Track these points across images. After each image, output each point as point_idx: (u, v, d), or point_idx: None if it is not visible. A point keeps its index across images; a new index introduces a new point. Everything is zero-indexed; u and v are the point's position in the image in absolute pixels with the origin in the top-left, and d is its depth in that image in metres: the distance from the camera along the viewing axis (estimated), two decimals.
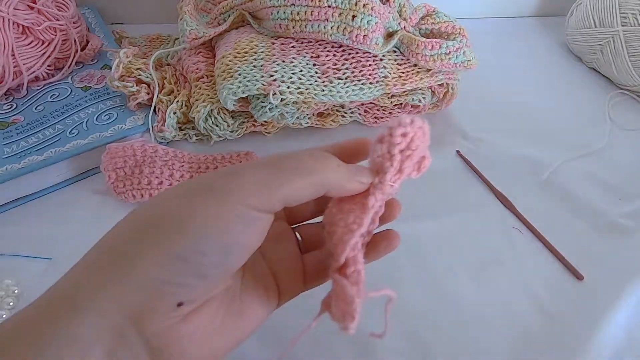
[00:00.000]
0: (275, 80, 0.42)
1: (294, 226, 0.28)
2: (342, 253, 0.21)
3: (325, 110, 0.48)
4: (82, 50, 0.52)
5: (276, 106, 0.43)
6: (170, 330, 0.18)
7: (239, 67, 0.43)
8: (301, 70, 0.43)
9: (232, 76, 0.42)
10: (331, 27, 0.42)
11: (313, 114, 0.48)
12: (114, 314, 0.17)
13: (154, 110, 0.45)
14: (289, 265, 0.26)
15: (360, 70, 0.44)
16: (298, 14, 0.43)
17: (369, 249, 0.25)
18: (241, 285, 0.23)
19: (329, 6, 0.42)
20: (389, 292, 0.21)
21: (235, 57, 0.44)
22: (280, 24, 0.44)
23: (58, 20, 0.48)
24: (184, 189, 0.20)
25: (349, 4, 0.42)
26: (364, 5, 0.42)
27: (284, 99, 0.42)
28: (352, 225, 0.22)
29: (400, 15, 0.47)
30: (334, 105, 0.49)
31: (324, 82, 0.44)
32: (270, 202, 0.19)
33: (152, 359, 0.18)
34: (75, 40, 0.50)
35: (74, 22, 0.51)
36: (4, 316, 0.32)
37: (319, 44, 0.45)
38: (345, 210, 0.23)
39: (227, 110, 0.45)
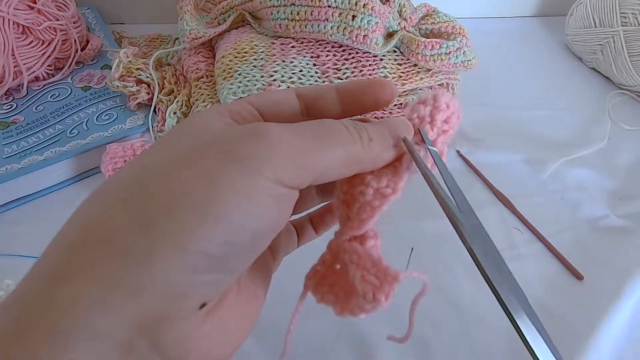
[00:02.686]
0: (275, 80, 0.42)
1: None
2: (367, 220, 0.19)
3: None
4: (82, 50, 0.52)
5: None
6: (190, 334, 0.15)
7: (239, 67, 0.43)
8: (301, 70, 0.43)
9: (232, 76, 0.42)
10: (331, 27, 0.42)
11: None
12: (121, 331, 0.13)
13: (154, 110, 0.45)
14: None
15: (360, 70, 0.44)
16: (298, 14, 0.43)
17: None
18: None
19: (329, 6, 0.42)
20: (424, 277, 0.19)
21: (235, 57, 0.44)
22: (280, 24, 0.44)
23: (58, 20, 0.48)
24: (195, 153, 0.15)
25: (349, 4, 0.42)
26: (364, 5, 0.42)
27: None
28: (386, 190, 0.19)
29: (400, 15, 0.47)
30: None
31: (324, 82, 0.44)
32: (303, 178, 0.16)
33: None
34: (75, 40, 0.50)
35: (74, 22, 0.51)
36: None
37: (319, 44, 0.45)
38: (376, 172, 0.19)
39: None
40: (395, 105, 0.49)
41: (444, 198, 0.20)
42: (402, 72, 0.46)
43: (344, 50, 0.45)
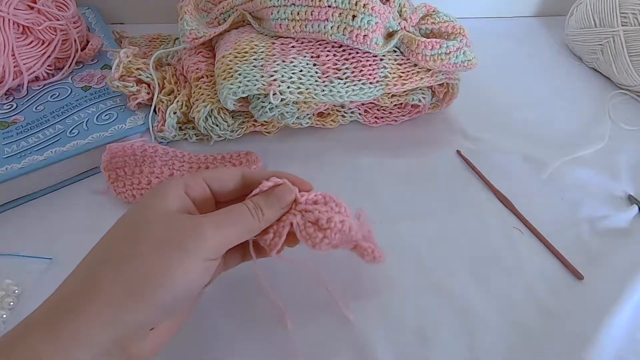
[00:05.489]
0: (275, 80, 0.42)
1: None
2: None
3: (325, 110, 0.48)
4: (82, 50, 0.51)
5: (276, 106, 0.43)
6: (143, 342, 0.24)
7: (239, 67, 0.43)
8: (301, 70, 0.43)
9: (232, 76, 0.42)
10: (331, 27, 0.42)
11: (313, 114, 0.48)
12: (107, 344, 0.22)
13: (154, 110, 0.45)
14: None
15: (361, 70, 0.44)
16: (298, 14, 0.43)
17: None
18: None
19: (329, 6, 0.42)
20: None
21: (236, 57, 0.44)
22: (280, 24, 0.44)
23: (58, 20, 0.48)
24: (156, 243, 0.24)
25: (349, 4, 0.42)
26: (364, 5, 0.42)
27: (284, 99, 0.42)
28: (273, 241, 0.29)
29: (400, 15, 0.47)
30: (334, 105, 0.49)
31: (324, 82, 0.44)
32: (221, 252, 0.26)
33: None
34: (75, 40, 0.50)
35: (74, 22, 0.51)
36: (4, 316, 0.32)
37: (319, 44, 0.45)
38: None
39: (227, 110, 0.45)
40: (395, 105, 0.49)
41: None
42: (402, 72, 0.45)
43: (344, 50, 0.45)
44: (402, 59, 0.46)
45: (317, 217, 0.28)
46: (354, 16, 0.42)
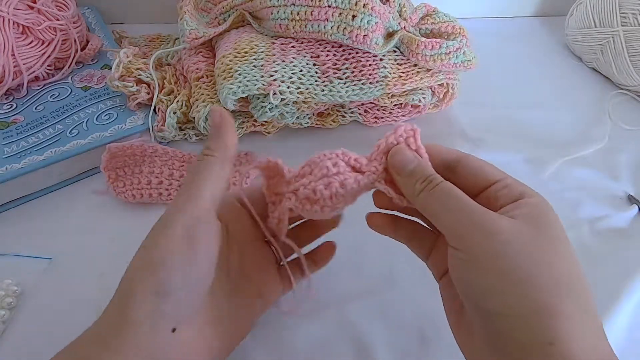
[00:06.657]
0: (275, 80, 0.42)
1: None
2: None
3: (325, 110, 0.48)
4: (82, 50, 0.51)
5: (276, 106, 0.43)
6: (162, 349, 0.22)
7: (239, 67, 0.43)
8: (301, 70, 0.43)
9: (232, 76, 0.42)
10: (331, 27, 0.42)
11: (313, 114, 0.48)
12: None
13: (154, 110, 0.45)
14: (267, 275, 0.31)
15: (360, 70, 0.44)
16: (298, 13, 0.43)
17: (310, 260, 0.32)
18: (228, 298, 0.27)
19: (329, 6, 0.42)
20: None
21: (235, 57, 0.44)
22: (280, 24, 0.44)
23: (58, 20, 0.48)
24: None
25: (349, 3, 0.42)
26: (364, 5, 0.42)
27: (284, 99, 0.42)
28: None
29: (400, 15, 0.47)
30: (334, 105, 0.49)
31: (324, 82, 0.44)
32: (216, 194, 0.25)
33: None
34: (75, 40, 0.50)
35: (74, 22, 0.51)
36: (5, 316, 0.32)
37: (319, 44, 0.45)
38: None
39: (227, 110, 0.45)
40: (395, 105, 0.49)
41: None
42: (402, 72, 0.45)
43: (344, 50, 0.45)
44: (402, 59, 0.46)
45: (305, 194, 0.27)
46: (354, 16, 0.42)
